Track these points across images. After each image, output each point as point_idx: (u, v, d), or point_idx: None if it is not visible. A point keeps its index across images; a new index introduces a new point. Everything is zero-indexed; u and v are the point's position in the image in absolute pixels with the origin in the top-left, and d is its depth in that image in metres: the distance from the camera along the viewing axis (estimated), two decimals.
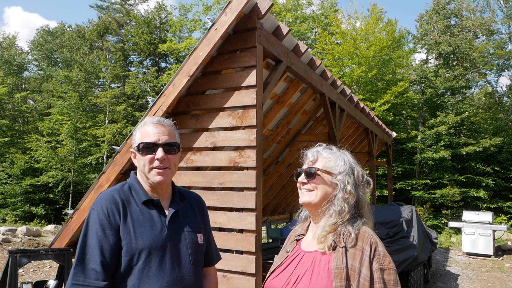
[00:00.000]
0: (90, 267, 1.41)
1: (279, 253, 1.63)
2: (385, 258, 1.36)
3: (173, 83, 3.65)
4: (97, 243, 1.44)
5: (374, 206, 7.45)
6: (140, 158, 1.59)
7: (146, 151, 1.57)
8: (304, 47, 4.35)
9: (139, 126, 1.65)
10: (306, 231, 1.58)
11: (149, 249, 1.47)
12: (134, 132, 1.66)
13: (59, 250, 3.84)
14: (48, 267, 7.99)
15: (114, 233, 1.47)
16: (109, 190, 1.58)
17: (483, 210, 16.54)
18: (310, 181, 1.48)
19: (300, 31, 21.55)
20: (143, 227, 1.50)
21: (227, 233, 3.57)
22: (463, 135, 19.58)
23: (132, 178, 1.64)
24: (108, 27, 25.24)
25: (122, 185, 1.61)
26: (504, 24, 21.20)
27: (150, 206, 1.57)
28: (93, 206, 1.52)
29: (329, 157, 1.51)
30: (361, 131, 9.16)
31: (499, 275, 8.47)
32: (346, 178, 1.47)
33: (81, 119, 20.66)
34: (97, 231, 1.45)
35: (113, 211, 1.49)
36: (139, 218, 1.52)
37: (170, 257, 1.52)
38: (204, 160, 3.68)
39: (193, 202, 1.75)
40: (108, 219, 1.47)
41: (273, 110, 5.96)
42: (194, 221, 1.68)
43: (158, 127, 1.59)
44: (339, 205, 1.44)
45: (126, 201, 1.54)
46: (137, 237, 1.47)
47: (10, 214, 18.41)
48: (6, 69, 24.96)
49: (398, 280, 1.36)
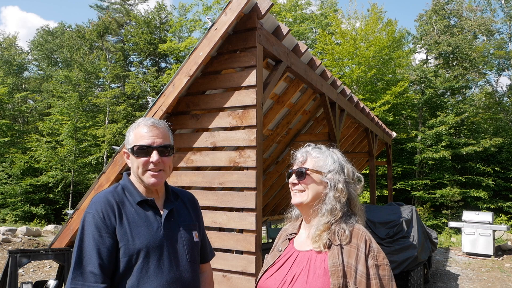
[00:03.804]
0: (88, 270, 1.41)
1: (270, 253, 1.63)
2: (379, 254, 1.38)
3: (173, 83, 3.65)
4: (94, 246, 1.43)
5: (374, 206, 7.45)
6: (134, 160, 1.58)
7: (140, 153, 1.56)
8: (304, 47, 4.35)
9: (133, 127, 1.62)
10: (298, 230, 1.59)
11: (147, 249, 1.48)
12: (128, 133, 1.63)
13: (59, 250, 3.84)
14: (48, 267, 7.99)
15: (111, 235, 1.46)
16: (103, 193, 1.57)
17: (483, 210, 16.54)
18: (301, 181, 1.49)
19: (300, 31, 21.55)
20: (139, 228, 1.50)
21: (227, 233, 3.57)
22: (463, 135, 19.58)
23: (125, 179, 1.63)
24: (108, 27, 25.25)
25: (115, 187, 1.60)
26: (504, 23, 21.21)
27: (145, 206, 1.56)
28: (87, 210, 1.52)
29: (318, 157, 1.51)
30: (361, 131, 9.16)
31: (499, 275, 8.47)
32: (336, 176, 1.48)
33: (81, 119, 20.67)
34: (93, 234, 1.45)
35: (108, 213, 1.48)
36: (134, 219, 1.51)
37: (168, 256, 1.53)
38: (204, 160, 3.68)
39: (186, 201, 1.75)
40: (103, 222, 1.47)
41: (273, 110, 5.96)
42: (189, 219, 1.69)
43: (152, 130, 1.58)
44: (331, 204, 1.44)
45: (121, 202, 1.53)
46: (134, 237, 1.48)
47: (10, 214, 18.41)
48: (6, 69, 24.96)
49: (392, 275, 1.38)
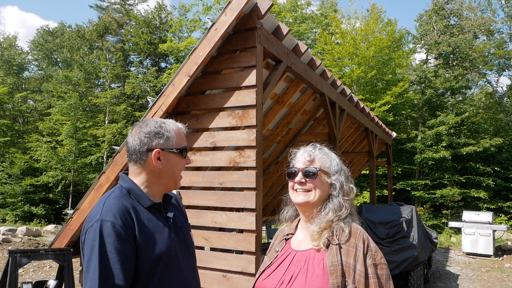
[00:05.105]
0: (116, 283, 1.33)
1: (267, 253, 1.63)
2: (377, 253, 1.39)
3: (173, 83, 3.65)
4: (118, 257, 1.34)
5: (374, 206, 7.45)
6: (179, 161, 1.57)
7: (185, 154, 1.58)
8: (304, 47, 4.35)
9: (170, 128, 1.57)
10: (295, 230, 1.59)
11: (166, 254, 1.46)
12: (163, 132, 1.55)
13: (59, 250, 3.84)
14: (48, 267, 7.99)
15: (131, 243, 1.39)
16: (115, 198, 1.47)
17: (483, 210, 16.54)
18: (310, 181, 1.48)
19: (300, 31, 21.55)
20: (156, 233, 1.47)
21: (227, 233, 3.58)
22: (463, 135, 19.58)
23: (128, 182, 1.54)
24: (108, 27, 25.25)
25: (121, 190, 1.51)
26: (505, 23, 21.21)
27: (153, 210, 1.53)
28: (103, 217, 1.39)
29: (324, 157, 1.53)
30: (361, 131, 9.16)
31: (499, 275, 8.47)
32: (340, 177, 1.50)
33: (81, 119, 20.67)
34: (115, 245, 1.35)
35: (127, 220, 1.41)
36: (149, 224, 1.47)
37: (182, 259, 1.54)
38: (204, 160, 3.68)
39: (174, 201, 1.74)
40: (124, 230, 1.38)
41: (273, 110, 5.96)
42: (185, 221, 1.71)
43: (183, 132, 1.63)
44: (338, 204, 1.46)
45: (134, 208, 1.46)
46: (154, 244, 1.44)
47: (10, 214, 18.40)
48: (6, 69, 24.97)
49: (389, 274, 1.39)
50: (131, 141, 1.55)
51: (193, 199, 3.68)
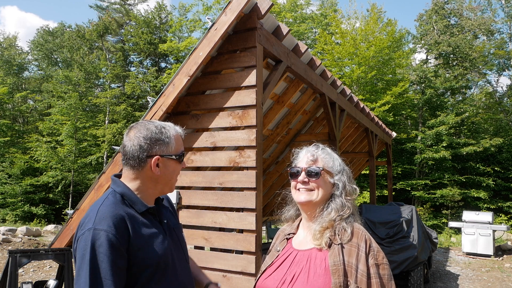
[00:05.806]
0: None
1: (268, 253, 1.63)
2: (379, 253, 1.40)
3: (173, 83, 3.65)
4: (110, 267, 1.29)
5: (374, 206, 7.45)
6: (177, 167, 1.55)
7: (182, 159, 1.57)
8: (304, 47, 4.35)
9: (170, 133, 1.52)
10: (296, 230, 1.59)
11: (162, 259, 1.44)
12: (163, 138, 1.49)
13: (59, 250, 3.84)
14: (48, 267, 7.99)
15: (123, 253, 1.34)
16: (109, 205, 1.40)
17: (483, 210, 16.54)
18: (313, 180, 1.49)
19: (299, 31, 21.55)
20: (151, 239, 1.44)
21: (227, 233, 3.57)
22: (463, 135, 19.58)
23: (122, 186, 1.48)
24: (108, 27, 25.24)
25: (114, 196, 1.45)
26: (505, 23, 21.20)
27: (147, 215, 1.48)
28: (96, 226, 1.33)
29: (327, 157, 1.54)
30: (361, 131, 9.15)
31: (499, 275, 8.47)
32: (342, 177, 1.51)
33: (81, 119, 20.68)
34: (108, 255, 1.30)
35: (121, 229, 1.35)
36: (145, 231, 1.43)
37: (177, 262, 1.53)
38: (204, 160, 3.68)
39: (165, 202, 1.72)
40: (118, 240, 1.33)
41: (273, 110, 5.96)
42: (176, 222, 1.69)
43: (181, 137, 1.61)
44: (340, 203, 1.46)
45: (129, 214, 1.41)
46: (149, 250, 1.41)
47: (10, 214, 18.41)
48: (6, 69, 24.98)
49: (391, 274, 1.40)
50: (129, 146, 1.48)
51: (193, 199, 3.68)
